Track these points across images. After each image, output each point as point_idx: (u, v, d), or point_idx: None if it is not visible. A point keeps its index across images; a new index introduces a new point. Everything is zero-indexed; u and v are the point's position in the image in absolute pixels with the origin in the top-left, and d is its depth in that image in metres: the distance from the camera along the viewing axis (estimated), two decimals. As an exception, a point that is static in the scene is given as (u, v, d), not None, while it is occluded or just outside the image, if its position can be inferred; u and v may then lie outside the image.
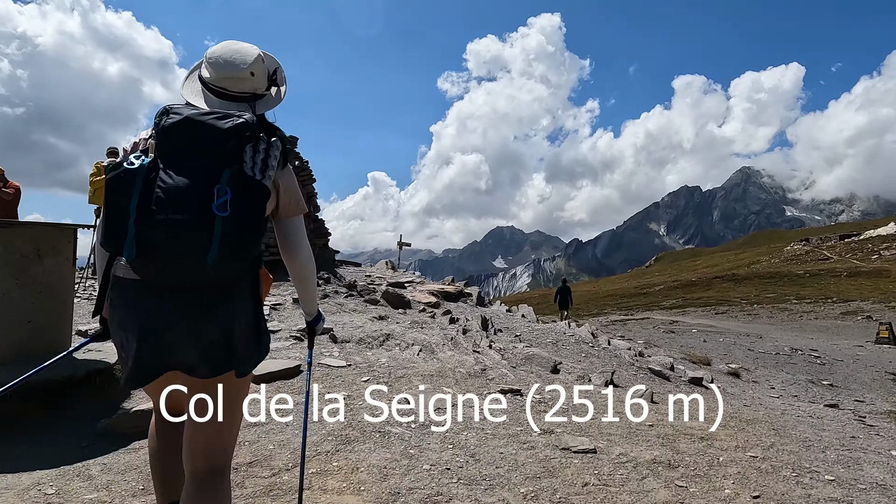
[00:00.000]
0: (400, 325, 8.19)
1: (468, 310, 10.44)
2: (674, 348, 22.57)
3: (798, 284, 73.06)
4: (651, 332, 29.75)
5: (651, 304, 70.52)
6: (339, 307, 9.09)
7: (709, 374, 12.55)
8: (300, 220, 2.27)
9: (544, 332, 9.23)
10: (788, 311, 54.83)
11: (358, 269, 13.56)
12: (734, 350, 22.38)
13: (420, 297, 10.40)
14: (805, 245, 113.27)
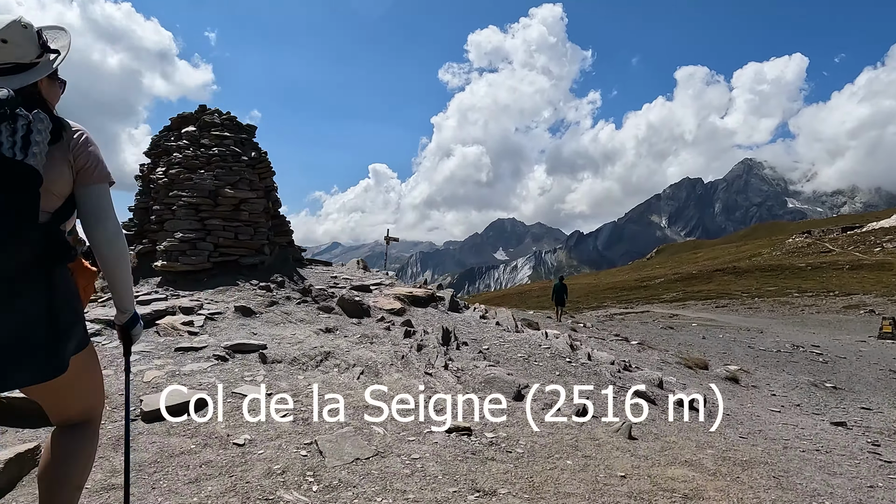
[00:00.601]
0: (348, 339, 7.16)
1: (436, 317, 9.40)
2: (671, 346, 21.75)
3: (800, 277, 72.16)
4: (649, 329, 28.95)
5: (651, 297, 69.63)
6: (284, 317, 8.06)
7: (703, 382, 11.56)
8: (103, 190, 2.13)
9: (517, 344, 8.18)
10: (790, 305, 54.10)
11: (325, 270, 12.53)
12: (734, 348, 21.65)
13: (383, 303, 9.37)
14: (807, 237, 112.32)
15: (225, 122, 11.44)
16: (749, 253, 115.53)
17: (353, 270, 12.76)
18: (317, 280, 11.11)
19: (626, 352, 15.47)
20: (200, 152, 10.63)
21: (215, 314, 7.96)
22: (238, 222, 10.21)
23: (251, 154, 11.11)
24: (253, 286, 9.33)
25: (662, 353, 16.56)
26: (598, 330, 24.57)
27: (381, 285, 10.94)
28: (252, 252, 10.37)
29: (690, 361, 15.45)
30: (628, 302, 67.79)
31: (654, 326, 31.23)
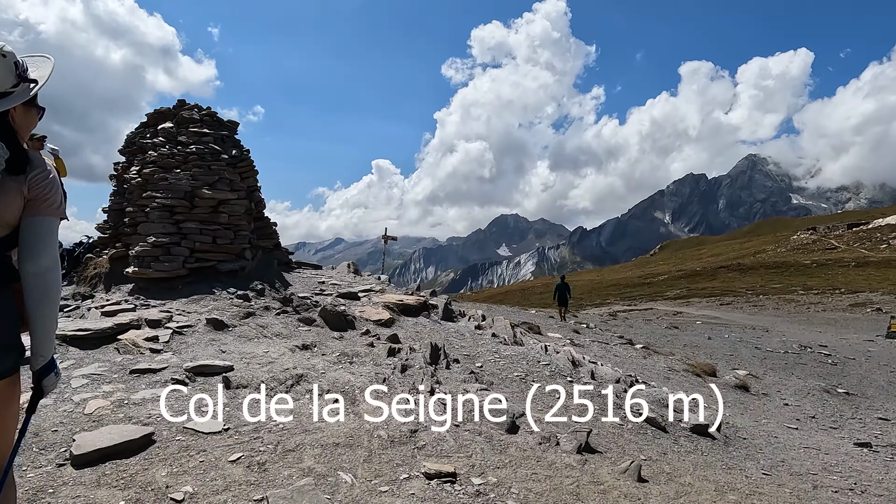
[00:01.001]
0: (326, 357, 6.47)
1: (427, 328, 8.71)
2: (676, 348, 21.14)
3: (805, 275, 71.44)
4: (653, 329, 28.28)
5: (655, 294, 68.99)
6: (259, 331, 7.37)
7: (713, 393, 10.89)
8: (48, 223, 2.09)
9: (513, 360, 7.47)
10: (795, 303, 53.51)
11: (314, 274, 11.87)
12: (740, 349, 21.01)
13: (370, 314, 8.68)
14: (812, 234, 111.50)
15: (204, 118, 10.75)
16: (753, 249, 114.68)
17: (343, 275, 12.09)
18: (303, 286, 10.44)
19: (632, 359, 14.80)
20: (177, 150, 9.95)
21: (185, 327, 7.28)
22: (216, 225, 9.54)
23: (232, 152, 10.42)
24: (230, 295, 8.65)
25: (668, 358, 15.89)
26: (601, 332, 23.90)
27: (370, 292, 10.26)
28: (231, 257, 9.70)
29: (698, 368, 14.83)
30: (631, 299, 67.17)
31: (659, 326, 30.66)
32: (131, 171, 10.13)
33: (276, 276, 10.32)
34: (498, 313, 29.12)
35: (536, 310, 34.81)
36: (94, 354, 6.36)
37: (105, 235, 10.46)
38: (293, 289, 10.04)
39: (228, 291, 8.75)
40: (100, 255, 10.31)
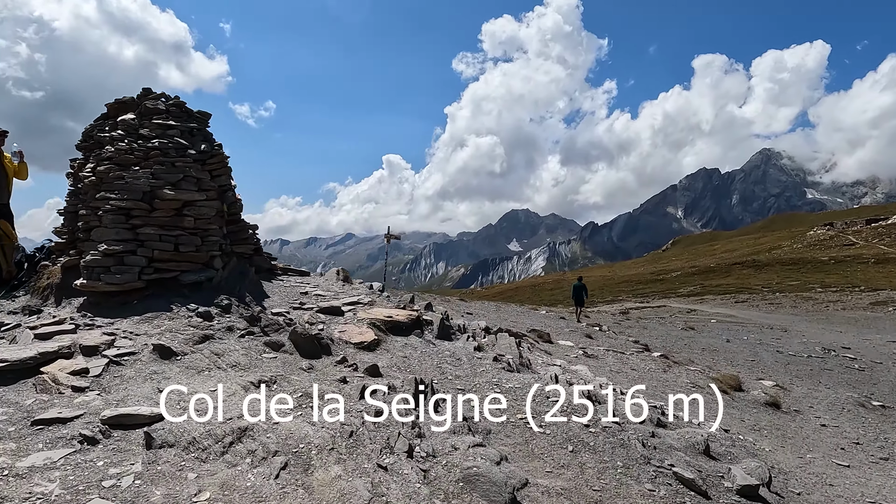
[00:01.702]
0: (284, 399, 5.24)
1: (418, 351, 7.46)
2: (694, 352, 19.99)
3: (822, 271, 69.68)
4: (668, 331, 27.07)
5: (668, 291, 67.52)
6: (213, 361, 6.15)
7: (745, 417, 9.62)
8: None
9: (518, 395, 6.19)
10: (813, 301, 51.96)
11: (298, 283, 10.67)
12: (761, 353, 20.01)
13: (351, 334, 7.45)
14: (829, 229, 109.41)
15: (171, 108, 9.54)
16: (768, 245, 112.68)
17: (330, 283, 10.88)
18: (281, 298, 9.24)
19: (651, 373, 13.58)
20: (137, 145, 8.76)
21: (126, 355, 6.08)
22: (179, 230, 8.34)
23: (201, 147, 9.20)
24: (190, 312, 7.46)
25: (690, 370, 14.65)
26: (615, 335, 22.72)
27: (357, 305, 9.04)
28: (197, 266, 8.49)
29: (724, 383, 13.63)
30: (644, 296, 65.74)
31: (674, 327, 29.50)
32: (86, 169, 8.94)
33: (251, 287, 9.12)
34: (507, 313, 27.88)
35: (547, 309, 33.53)
36: (3, 395, 5.20)
37: (62, 241, 9.31)
38: (269, 302, 8.84)
39: (188, 308, 7.55)
40: (55, 263, 9.16)
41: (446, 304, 29.17)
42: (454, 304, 30.24)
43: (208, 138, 9.54)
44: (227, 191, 9.49)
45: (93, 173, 8.63)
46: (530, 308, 33.43)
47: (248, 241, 9.88)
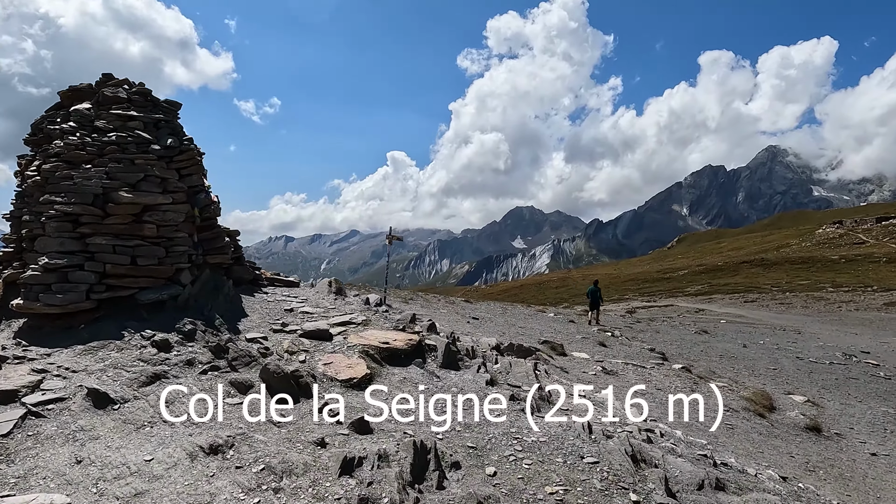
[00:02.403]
0: (238, 476, 3.92)
1: (419, 390, 6.14)
2: (712, 360, 18.85)
3: (833, 270, 68.16)
4: (682, 336, 25.85)
5: (675, 290, 66.11)
6: (160, 409, 4.86)
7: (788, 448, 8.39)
8: None
9: (544, 455, 4.88)
10: (825, 301, 50.59)
11: (283, 297, 9.39)
12: (782, 360, 19.00)
13: (339, 367, 6.15)
14: (838, 227, 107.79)
15: (134, 97, 8.23)
16: (776, 243, 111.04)
17: (321, 296, 9.59)
18: (262, 317, 7.96)
19: (677, 391, 12.32)
20: (91, 139, 7.47)
21: (50, 403, 4.80)
22: (138, 239, 7.06)
23: (167, 141, 7.89)
24: (144, 340, 6.18)
25: (716, 386, 13.43)
26: (628, 341, 21.49)
27: (348, 326, 7.75)
28: (160, 282, 7.21)
29: (757, 403, 12.47)
30: (651, 295, 64.35)
31: (686, 330, 28.31)
32: (32, 167, 7.64)
33: (226, 304, 7.83)
34: (515, 317, 26.53)
35: (554, 311, 32.19)
36: None
37: (10, 249, 8.05)
38: (246, 322, 7.55)
39: (143, 335, 6.27)
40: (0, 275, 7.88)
41: (450, 307, 27.86)
42: (459, 307, 28.99)
43: (177, 131, 8.23)
44: (198, 192, 8.18)
45: (38, 172, 7.34)
46: (537, 310, 32.10)
47: (224, 250, 8.56)
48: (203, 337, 6.45)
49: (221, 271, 8.60)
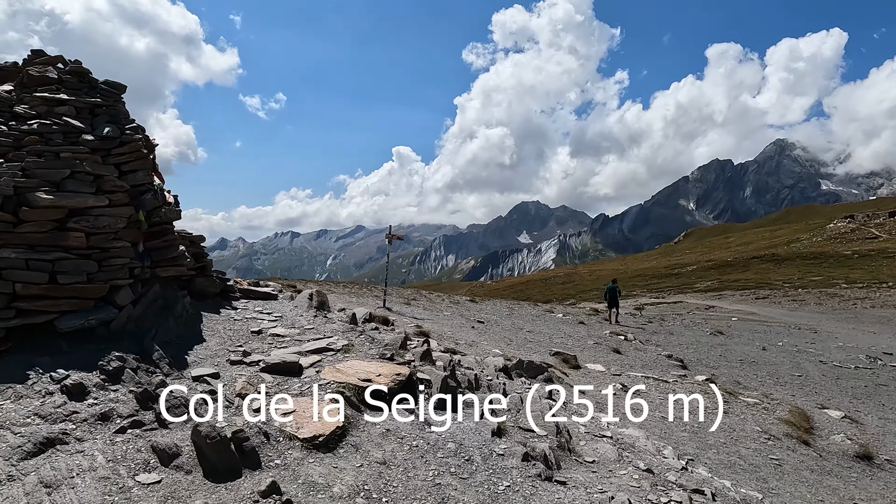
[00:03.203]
0: None
1: (405, 445, 4.73)
2: (732, 365, 17.61)
3: (846, 266, 66.58)
4: (697, 337, 24.53)
5: (683, 286, 64.66)
6: (35, 500, 3.50)
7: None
8: None
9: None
10: (839, 298, 49.19)
11: (255, 313, 7.99)
12: (804, 364, 18.22)
13: (301, 418, 4.74)
14: (850, 222, 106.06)
15: (66, 77, 6.81)
16: (786, 238, 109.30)
17: (299, 312, 8.19)
18: (221, 342, 6.57)
19: (709, 414, 11.00)
20: (8, 128, 6.09)
21: None
22: (60, 251, 5.67)
23: (104, 131, 6.48)
24: (53, 384, 4.78)
25: (747, 403, 12.14)
26: (642, 345, 20.14)
27: (325, 354, 6.36)
28: (88, 304, 5.82)
29: (796, 426, 11.28)
30: (659, 291, 62.95)
31: (701, 331, 27.05)
32: (-67, 163, 6.26)
33: (178, 327, 6.44)
34: (522, 318, 25.15)
35: (563, 312, 30.79)
36: None
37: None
38: (200, 351, 6.15)
39: (53, 376, 4.88)
40: None
41: (455, 308, 26.52)
42: (463, 308, 27.68)
43: (118, 118, 6.80)
44: (145, 192, 6.77)
45: (-61, 168, 5.97)
46: (545, 310, 30.71)
47: (179, 260, 7.12)
48: (133, 377, 5.06)
49: (177, 286, 7.22)
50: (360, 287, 31.53)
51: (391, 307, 21.30)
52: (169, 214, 7.11)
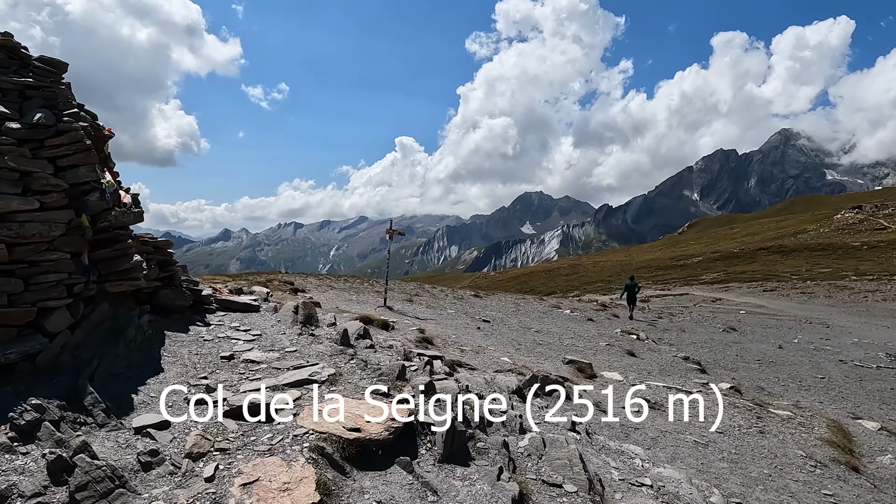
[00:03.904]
0: None
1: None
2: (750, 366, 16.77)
3: (855, 258, 65.37)
4: (710, 334, 23.55)
5: (689, 278, 63.51)
6: None
7: None
8: None
9: None
10: (849, 290, 48.12)
11: (231, 330, 6.87)
12: (824, 364, 17.64)
13: (267, 490, 3.59)
14: (857, 213, 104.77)
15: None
16: (793, 229, 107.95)
17: (281, 329, 7.04)
18: (181, 373, 5.44)
19: (738, 429, 9.98)
20: (-88, 113, 4.95)
21: None
22: (-29, 269, 4.56)
23: (35, 117, 5.30)
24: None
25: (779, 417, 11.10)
26: (655, 345, 19.10)
27: (306, 390, 5.23)
28: (10, 333, 4.70)
29: (841, 448, 10.21)
30: (664, 283, 61.80)
31: (714, 327, 26.14)
32: None
33: (130, 354, 5.31)
34: (529, 316, 24.03)
35: (570, 308, 29.72)
36: None
37: None
38: (151, 387, 5.01)
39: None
40: None
41: (459, 305, 25.46)
42: (467, 304, 26.65)
43: (56, 103, 5.63)
44: (90, 192, 5.60)
45: None
46: (551, 305, 29.63)
47: (133, 272, 5.93)
48: (52, 433, 3.92)
49: (134, 302, 6.09)
50: (362, 281, 30.41)
51: (392, 306, 20.20)
52: (122, 218, 5.93)
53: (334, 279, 30.50)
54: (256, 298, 8.32)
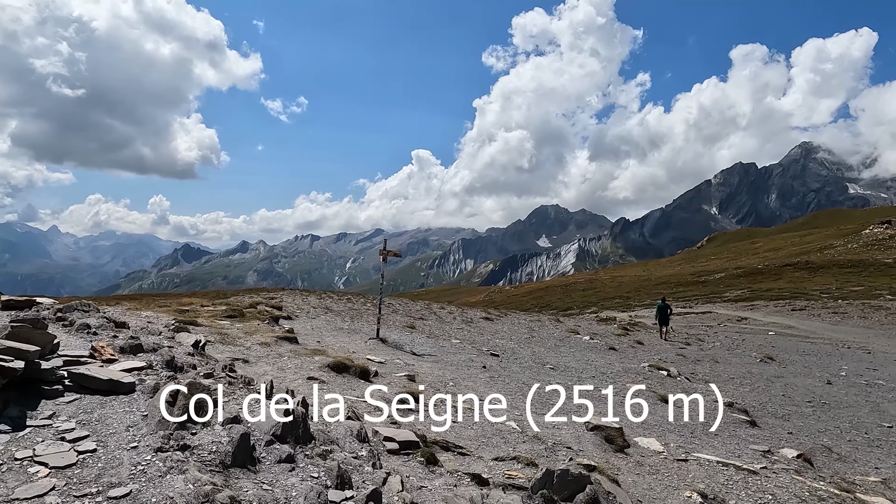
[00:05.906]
0: None
1: None
2: (800, 409, 14.66)
3: (888, 275, 62.19)
4: (748, 367, 21.02)
5: (712, 295, 60.57)
6: None
7: None
8: None
9: None
10: (885, 310, 45.46)
11: (51, 441, 4.49)
12: (886, 406, 15.72)
13: None
14: (887, 228, 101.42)
15: None
16: (818, 244, 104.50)
17: (129, 439, 4.55)
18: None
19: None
20: None
21: None
22: None
23: None
24: None
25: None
26: (689, 383, 16.60)
27: None
28: None
29: None
30: (686, 300, 58.96)
31: (749, 358, 23.71)
32: None
33: None
34: (543, 345, 21.62)
35: (589, 333, 27.24)
36: None
37: None
38: None
39: None
40: None
41: (466, 331, 23.12)
42: (476, 329, 24.32)
43: None
44: None
45: None
46: (568, 331, 27.14)
47: None
48: None
49: None
50: (365, 301, 28.05)
51: (386, 337, 17.75)
52: None
53: (336, 298, 28.17)
54: (136, 373, 5.78)
